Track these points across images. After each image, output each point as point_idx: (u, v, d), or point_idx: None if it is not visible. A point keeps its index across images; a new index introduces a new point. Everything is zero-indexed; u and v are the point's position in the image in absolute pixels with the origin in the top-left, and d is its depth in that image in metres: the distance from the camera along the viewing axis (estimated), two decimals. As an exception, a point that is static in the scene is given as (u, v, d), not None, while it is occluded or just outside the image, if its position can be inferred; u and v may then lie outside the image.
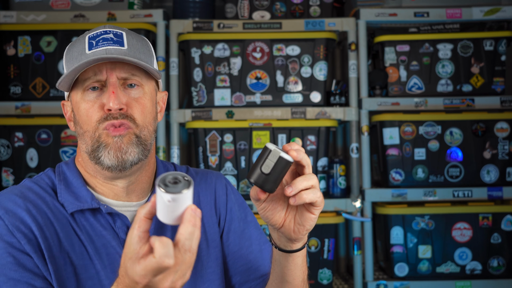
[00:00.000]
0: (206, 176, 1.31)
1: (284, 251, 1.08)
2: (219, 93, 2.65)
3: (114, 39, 1.13)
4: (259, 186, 0.97)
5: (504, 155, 2.64)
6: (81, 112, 1.13)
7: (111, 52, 1.10)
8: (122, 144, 1.11)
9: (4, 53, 2.64)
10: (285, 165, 0.95)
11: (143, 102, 1.15)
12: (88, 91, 1.12)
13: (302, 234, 1.03)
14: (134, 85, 1.14)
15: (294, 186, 0.97)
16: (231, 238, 1.27)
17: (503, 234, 2.61)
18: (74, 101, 1.15)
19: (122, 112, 1.11)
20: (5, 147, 2.61)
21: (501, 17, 2.67)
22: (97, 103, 1.12)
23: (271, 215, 1.02)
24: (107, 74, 1.11)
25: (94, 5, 2.68)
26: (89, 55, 1.10)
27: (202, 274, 1.21)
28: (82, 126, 1.14)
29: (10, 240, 1.05)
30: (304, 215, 1.01)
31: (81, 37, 1.16)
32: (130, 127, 1.12)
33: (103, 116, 1.11)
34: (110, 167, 1.11)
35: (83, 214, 1.14)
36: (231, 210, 1.29)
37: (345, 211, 2.62)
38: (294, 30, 2.68)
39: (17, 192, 1.12)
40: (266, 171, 0.95)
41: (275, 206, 1.02)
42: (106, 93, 1.11)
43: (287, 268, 1.10)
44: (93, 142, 1.12)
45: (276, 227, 1.04)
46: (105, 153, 1.11)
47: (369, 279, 2.61)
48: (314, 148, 2.62)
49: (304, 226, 1.02)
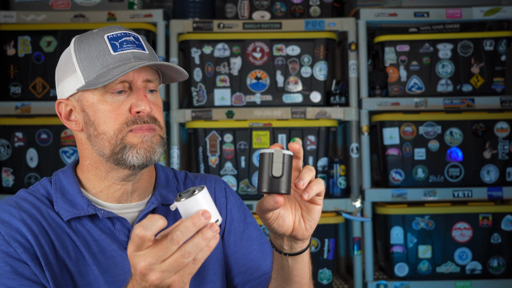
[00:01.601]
0: (205, 179, 1.32)
1: (294, 254, 1.06)
2: (219, 93, 2.65)
3: (136, 43, 1.14)
4: (275, 192, 0.94)
5: (504, 155, 2.64)
6: (100, 113, 1.12)
7: (138, 56, 1.13)
8: (152, 144, 1.13)
9: (4, 53, 2.64)
10: (290, 160, 0.94)
11: (160, 105, 1.18)
12: (112, 93, 1.12)
13: (313, 229, 1.02)
14: (153, 90, 1.17)
15: (305, 179, 0.96)
16: (231, 239, 1.27)
17: (503, 234, 2.61)
18: (89, 101, 1.13)
19: (150, 115, 1.13)
20: (5, 147, 2.61)
21: (501, 17, 2.67)
22: (124, 105, 1.12)
23: (282, 222, 1.00)
24: (133, 77, 1.12)
25: (94, 5, 2.68)
26: (117, 57, 1.11)
27: (204, 276, 1.21)
28: (97, 128, 1.13)
29: (6, 249, 1.06)
30: (311, 209, 1.01)
31: (94, 36, 1.15)
32: (156, 129, 1.14)
33: (130, 119, 1.11)
34: (134, 166, 1.12)
35: (80, 221, 1.14)
36: (231, 212, 1.29)
37: (345, 211, 2.62)
38: (294, 30, 2.68)
39: (11, 202, 1.13)
40: (278, 174, 0.93)
41: (283, 213, 1.00)
42: (134, 95, 1.12)
43: (296, 269, 1.09)
44: (115, 144, 1.11)
45: (287, 233, 1.02)
46: (132, 153, 1.11)
47: (369, 279, 2.61)
48: (314, 148, 2.62)
49: (314, 220, 1.01)
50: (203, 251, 0.86)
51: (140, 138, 1.12)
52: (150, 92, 1.16)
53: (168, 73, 1.19)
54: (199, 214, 0.86)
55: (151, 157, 1.12)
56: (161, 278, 0.85)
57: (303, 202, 1.01)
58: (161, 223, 0.85)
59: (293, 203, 1.02)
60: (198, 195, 0.88)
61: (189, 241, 0.85)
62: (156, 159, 1.14)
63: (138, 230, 0.84)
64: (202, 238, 0.85)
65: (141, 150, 1.11)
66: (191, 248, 0.85)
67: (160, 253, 0.84)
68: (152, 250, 0.85)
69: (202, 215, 0.86)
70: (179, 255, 0.84)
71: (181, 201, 0.88)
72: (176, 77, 1.21)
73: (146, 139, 1.12)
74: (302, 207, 1.02)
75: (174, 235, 0.85)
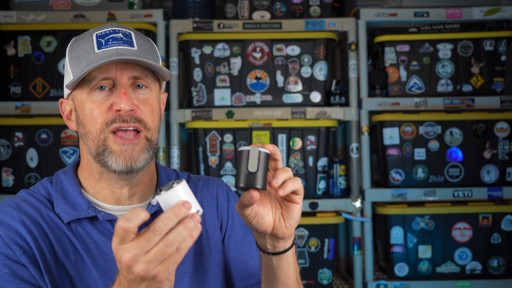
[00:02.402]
0: (208, 182, 1.31)
1: (277, 253, 1.07)
2: (219, 93, 2.65)
3: (123, 39, 1.11)
4: (251, 187, 0.97)
5: (504, 155, 2.64)
6: (85, 112, 1.11)
7: (122, 52, 1.09)
8: (134, 152, 1.10)
9: (4, 53, 2.64)
10: (266, 158, 0.98)
11: (151, 103, 1.14)
12: (95, 90, 1.10)
13: (293, 228, 1.04)
14: (142, 86, 1.13)
15: (278, 178, 0.98)
16: (232, 244, 1.27)
17: (503, 234, 2.61)
18: (79, 100, 1.13)
19: (132, 114, 1.10)
20: (5, 147, 2.61)
21: (501, 17, 2.67)
22: (105, 103, 1.10)
23: (262, 220, 1.02)
24: (116, 74, 1.10)
25: (94, 5, 2.68)
26: (99, 54, 1.09)
27: (204, 279, 1.21)
28: (85, 127, 1.12)
29: (6, 252, 1.06)
30: (290, 208, 1.02)
31: (86, 35, 1.14)
32: (141, 133, 1.11)
33: (111, 118, 1.09)
34: (116, 171, 1.11)
35: (80, 223, 1.13)
36: (232, 216, 1.29)
37: (345, 211, 2.62)
38: (294, 30, 2.68)
39: (11, 204, 1.12)
40: (253, 170, 0.96)
41: (262, 210, 1.02)
42: (116, 94, 1.10)
43: (281, 269, 1.10)
44: (98, 145, 1.10)
45: (268, 231, 1.03)
46: (112, 159, 1.10)
47: (369, 279, 2.61)
48: (314, 148, 2.62)
49: (294, 218, 1.03)
50: (186, 241, 0.88)
51: (119, 146, 1.09)
52: (139, 88, 1.13)
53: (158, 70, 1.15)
54: (180, 204, 0.88)
55: (132, 165, 1.10)
56: (146, 269, 0.86)
57: (283, 201, 1.03)
58: (143, 215, 0.87)
59: (274, 202, 1.04)
60: (177, 188, 0.91)
61: (172, 231, 0.87)
62: (140, 166, 1.11)
63: (121, 222, 0.86)
64: (184, 227, 0.87)
65: (119, 158, 1.10)
66: (173, 238, 0.86)
67: (143, 244, 0.86)
68: (136, 242, 0.86)
69: (183, 205, 0.88)
70: (162, 245, 0.86)
71: (161, 195, 0.91)
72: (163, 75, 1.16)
73: (125, 148, 1.09)
74: (282, 206, 1.03)
75: (156, 226, 0.86)
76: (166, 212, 0.87)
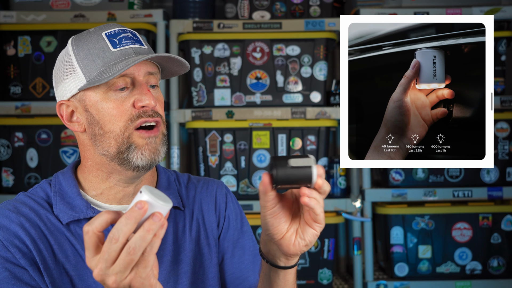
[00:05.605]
0: (208, 184, 1.31)
1: (277, 266, 1.06)
2: (219, 93, 2.65)
3: (134, 38, 1.14)
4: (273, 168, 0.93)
5: (504, 155, 2.64)
6: (104, 112, 1.10)
7: (138, 51, 1.12)
8: (156, 145, 1.12)
9: (4, 53, 2.64)
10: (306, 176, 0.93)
11: (161, 100, 1.17)
12: (115, 90, 1.10)
13: (300, 248, 1.01)
14: (155, 86, 1.16)
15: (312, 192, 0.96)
16: (225, 245, 1.27)
17: (503, 234, 2.61)
18: (92, 100, 1.11)
19: (154, 109, 1.12)
20: (5, 147, 2.61)
21: (501, 17, 2.67)
22: (127, 101, 1.10)
23: (277, 223, 1.00)
24: (134, 71, 1.11)
25: (94, 5, 2.69)
26: (117, 53, 1.10)
27: (204, 279, 1.21)
28: (103, 127, 1.11)
29: (5, 255, 1.06)
30: (306, 230, 1.00)
31: (91, 34, 1.14)
32: (160, 127, 1.13)
33: (135, 114, 1.10)
34: (138, 167, 1.11)
35: (80, 224, 1.13)
36: (228, 218, 1.29)
37: (345, 211, 2.62)
38: (294, 30, 2.68)
39: (10, 207, 1.12)
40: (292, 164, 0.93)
41: (282, 215, 1.00)
42: (138, 91, 1.11)
43: (277, 284, 1.08)
44: (121, 143, 1.10)
45: (276, 237, 1.01)
46: (137, 154, 1.10)
47: (369, 279, 2.61)
48: (314, 148, 2.62)
49: (305, 240, 1.00)
50: (152, 244, 0.85)
51: (144, 140, 1.11)
52: (152, 88, 1.15)
53: (168, 66, 1.18)
54: (133, 207, 0.85)
55: (155, 158, 1.12)
56: (117, 280, 0.85)
57: (303, 221, 1.00)
58: (105, 217, 0.86)
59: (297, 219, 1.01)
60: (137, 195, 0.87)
61: (132, 237, 0.85)
62: (159, 160, 1.14)
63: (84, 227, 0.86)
64: (144, 230, 0.84)
65: (145, 152, 1.11)
66: (134, 244, 0.84)
67: (105, 256, 0.85)
68: (100, 254, 0.85)
69: (136, 207, 0.85)
70: (125, 254, 0.84)
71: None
72: (177, 70, 1.19)
73: (150, 141, 1.11)
74: (300, 225, 1.01)
75: (111, 234, 0.85)
76: (120, 218, 0.86)
